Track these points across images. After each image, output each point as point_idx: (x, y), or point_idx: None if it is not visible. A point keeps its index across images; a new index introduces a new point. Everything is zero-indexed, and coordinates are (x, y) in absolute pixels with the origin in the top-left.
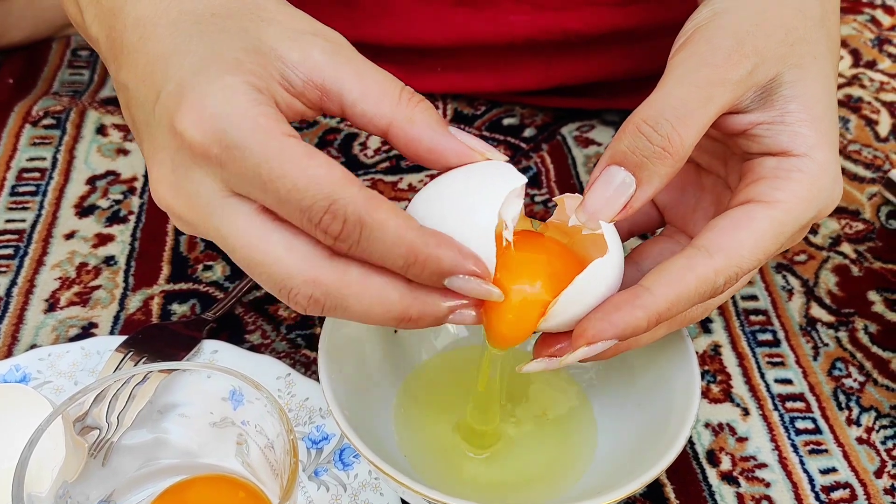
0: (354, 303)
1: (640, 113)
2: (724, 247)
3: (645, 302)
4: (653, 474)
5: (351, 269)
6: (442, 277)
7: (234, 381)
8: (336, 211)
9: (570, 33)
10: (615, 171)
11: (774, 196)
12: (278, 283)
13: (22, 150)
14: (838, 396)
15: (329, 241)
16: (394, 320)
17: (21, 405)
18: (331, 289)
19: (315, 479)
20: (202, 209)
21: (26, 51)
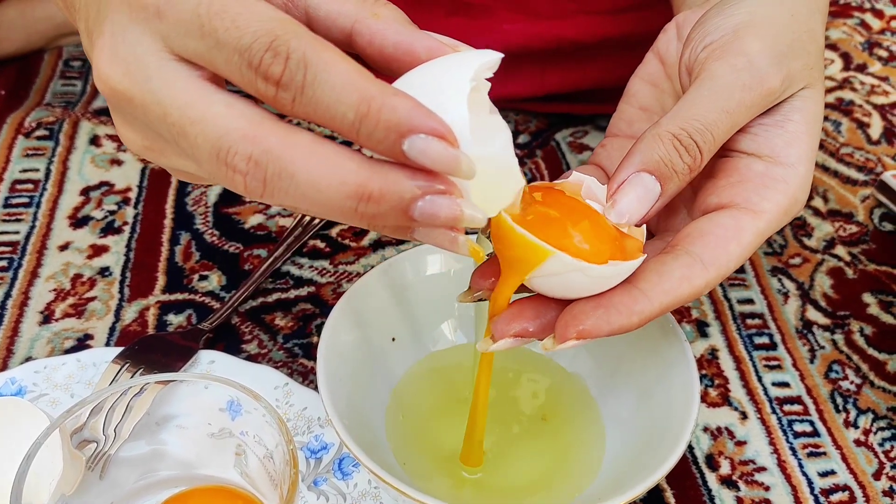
0: (302, 167)
1: (673, 126)
2: (717, 261)
3: (643, 308)
4: (653, 480)
5: (299, 131)
6: (400, 136)
7: (231, 392)
8: (278, 48)
9: (563, 41)
10: (647, 178)
11: (762, 206)
12: (214, 144)
13: (15, 162)
14: (835, 399)
15: (270, 91)
16: (350, 197)
17: (18, 418)
18: (273, 147)
19: (314, 488)
20: (138, 73)
21: (18, 62)
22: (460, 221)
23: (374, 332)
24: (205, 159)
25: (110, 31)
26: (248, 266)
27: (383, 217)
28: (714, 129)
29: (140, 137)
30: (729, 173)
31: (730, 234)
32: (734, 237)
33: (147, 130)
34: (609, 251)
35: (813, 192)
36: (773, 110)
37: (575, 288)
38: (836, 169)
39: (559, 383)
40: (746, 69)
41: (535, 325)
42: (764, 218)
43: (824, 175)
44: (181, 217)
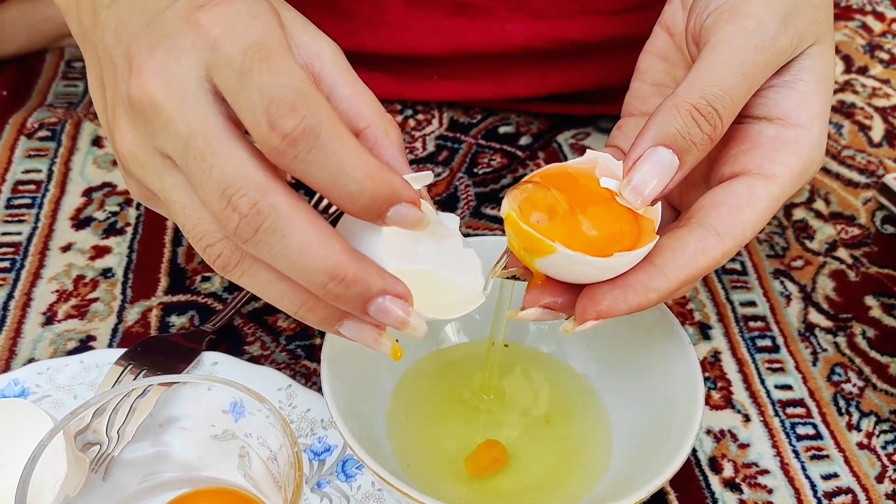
0: (297, 231)
1: (691, 95)
2: (732, 230)
3: (659, 285)
4: (658, 483)
5: (305, 203)
6: (391, 205)
7: (235, 394)
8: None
9: (565, 42)
10: (662, 152)
11: (773, 170)
12: (227, 181)
13: (17, 163)
14: (838, 402)
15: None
16: (327, 272)
17: (21, 420)
18: (279, 204)
19: (318, 490)
20: (178, 91)
21: (20, 62)
22: (405, 326)
23: None
24: (209, 189)
25: (167, 48)
26: None
27: (342, 300)
28: (733, 93)
29: (137, 143)
30: (741, 140)
31: (743, 201)
32: (748, 204)
33: (151, 140)
34: (618, 238)
35: (815, 194)
36: (783, 71)
37: (585, 277)
38: (837, 171)
39: (566, 384)
40: (757, 30)
41: (562, 301)
42: (777, 182)
43: (826, 177)
44: None
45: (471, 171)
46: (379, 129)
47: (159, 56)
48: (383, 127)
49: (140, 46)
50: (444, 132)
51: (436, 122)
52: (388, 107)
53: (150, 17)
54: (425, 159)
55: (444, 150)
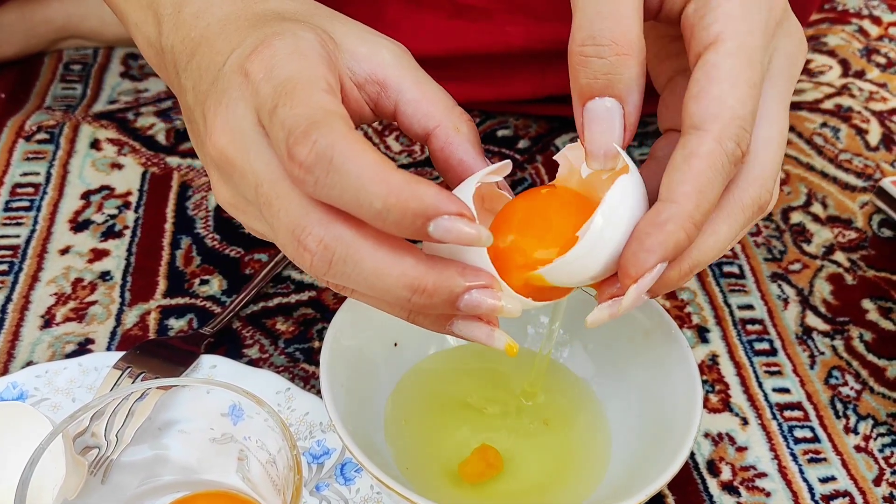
0: (368, 256)
1: (573, 43)
2: (707, 113)
3: (670, 213)
4: (656, 487)
5: (369, 228)
6: (426, 221)
7: (233, 397)
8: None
9: (564, 43)
10: (594, 105)
11: (713, 33)
12: (293, 221)
13: (15, 165)
14: (835, 405)
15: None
16: (407, 288)
17: (20, 423)
18: (344, 235)
19: (317, 493)
20: (241, 143)
21: (18, 65)
22: (499, 312)
23: (377, 337)
24: (281, 231)
25: (226, 102)
26: (249, 270)
27: (432, 307)
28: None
29: (230, 195)
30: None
31: (704, 83)
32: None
33: (237, 191)
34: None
35: (812, 198)
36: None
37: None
38: (834, 175)
39: (565, 387)
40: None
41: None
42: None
43: (823, 181)
44: (182, 221)
45: None
46: (449, 126)
47: (222, 112)
48: (453, 124)
49: (209, 105)
50: None
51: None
52: None
53: (214, 75)
54: (424, 162)
55: None
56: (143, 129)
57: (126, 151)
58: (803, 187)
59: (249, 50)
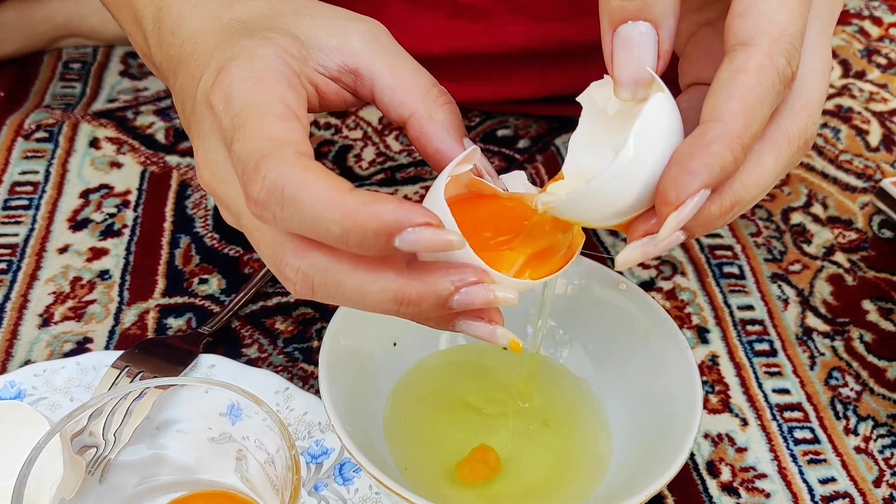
0: (346, 278)
1: None
2: (757, 28)
3: (716, 133)
4: (656, 487)
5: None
6: (390, 237)
7: (232, 396)
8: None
9: (565, 43)
10: (625, 29)
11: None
12: (271, 253)
13: (14, 164)
14: (835, 406)
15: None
16: (391, 301)
17: (18, 422)
18: (320, 262)
19: (315, 493)
20: (220, 176)
21: (17, 64)
22: (494, 303)
23: (376, 336)
24: (265, 259)
25: (203, 136)
26: (249, 270)
27: (424, 313)
28: None
29: (232, 220)
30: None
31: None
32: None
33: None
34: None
35: (812, 198)
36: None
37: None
38: (835, 176)
39: (565, 388)
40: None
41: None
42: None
43: (823, 182)
44: (181, 220)
45: None
46: (422, 115)
47: (202, 146)
48: (427, 111)
49: (192, 135)
50: None
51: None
52: None
53: (192, 103)
54: (423, 162)
55: None
56: (142, 127)
57: (125, 150)
58: (804, 188)
59: (212, 80)
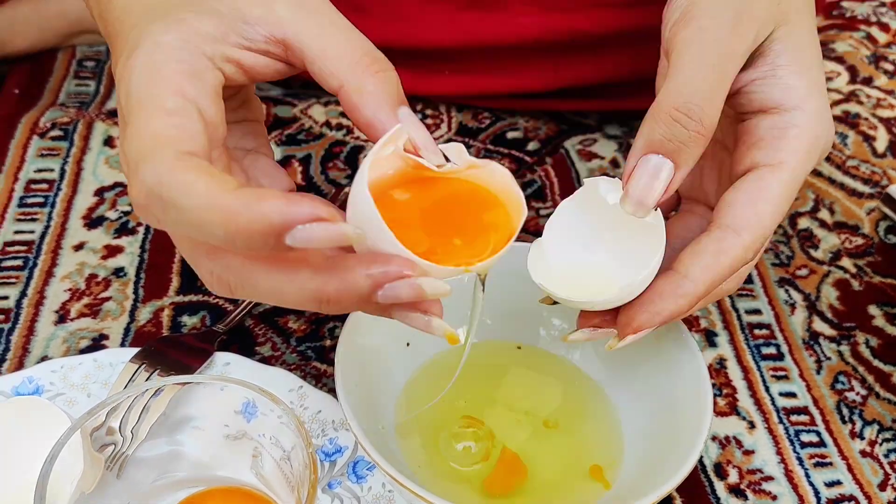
0: (262, 279)
1: (668, 101)
2: (748, 223)
3: (686, 290)
4: (666, 489)
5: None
6: (279, 237)
7: (248, 394)
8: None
9: (578, 34)
10: (653, 159)
11: (778, 158)
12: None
13: (30, 162)
14: (841, 410)
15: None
16: (311, 300)
17: (38, 417)
18: (233, 264)
19: (329, 491)
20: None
21: (31, 61)
22: (423, 297)
23: (390, 336)
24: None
25: None
26: None
27: (352, 308)
28: (708, 85)
29: None
30: (745, 138)
31: (755, 195)
32: (760, 196)
33: None
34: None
35: (819, 204)
36: (759, 63)
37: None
38: (842, 181)
39: (578, 388)
40: (712, 26)
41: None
42: (785, 168)
43: (830, 187)
44: None
45: None
46: (351, 87)
47: None
48: (356, 83)
49: None
50: (453, 136)
51: (444, 126)
52: None
53: None
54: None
55: None
56: None
57: None
58: (811, 193)
59: (119, 70)
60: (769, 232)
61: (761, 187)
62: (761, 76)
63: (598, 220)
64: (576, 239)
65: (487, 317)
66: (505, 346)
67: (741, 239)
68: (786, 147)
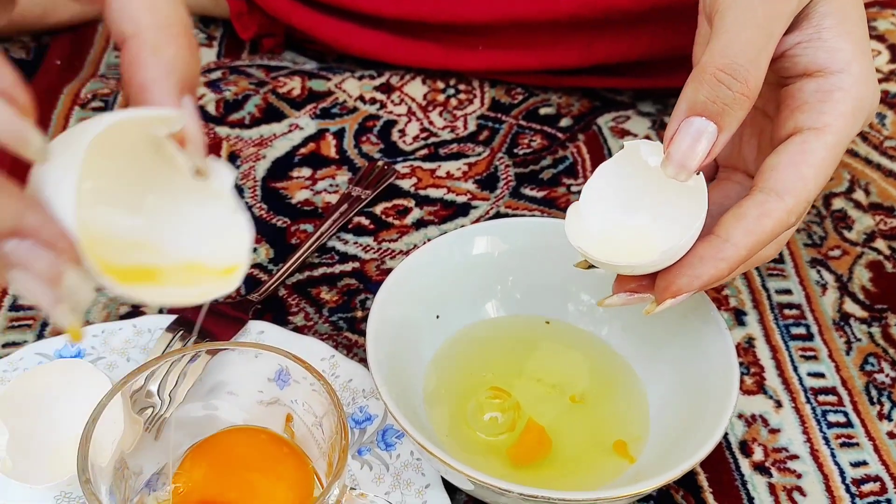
0: None
1: (713, 62)
2: (791, 187)
3: (727, 254)
4: (690, 464)
5: None
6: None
7: (281, 361)
8: None
9: (613, 10)
10: (696, 121)
11: (823, 121)
12: None
13: None
14: (870, 391)
15: None
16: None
17: (81, 379)
18: None
19: (358, 457)
20: None
21: (72, 33)
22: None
23: (421, 308)
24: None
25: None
26: (295, 240)
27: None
28: (753, 46)
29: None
30: (789, 102)
31: (798, 158)
32: (804, 160)
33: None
34: None
35: (854, 184)
36: (804, 25)
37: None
38: (878, 162)
39: (605, 363)
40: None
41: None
42: (830, 131)
43: (867, 168)
44: None
45: (511, 151)
46: (149, 42)
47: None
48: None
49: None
50: (486, 112)
51: (477, 102)
52: (432, 81)
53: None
54: (466, 139)
55: (485, 129)
56: None
57: None
58: (846, 173)
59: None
60: (812, 196)
61: (805, 150)
62: (806, 39)
63: (637, 183)
64: (615, 202)
65: (516, 291)
66: (533, 321)
67: (784, 203)
68: (830, 110)
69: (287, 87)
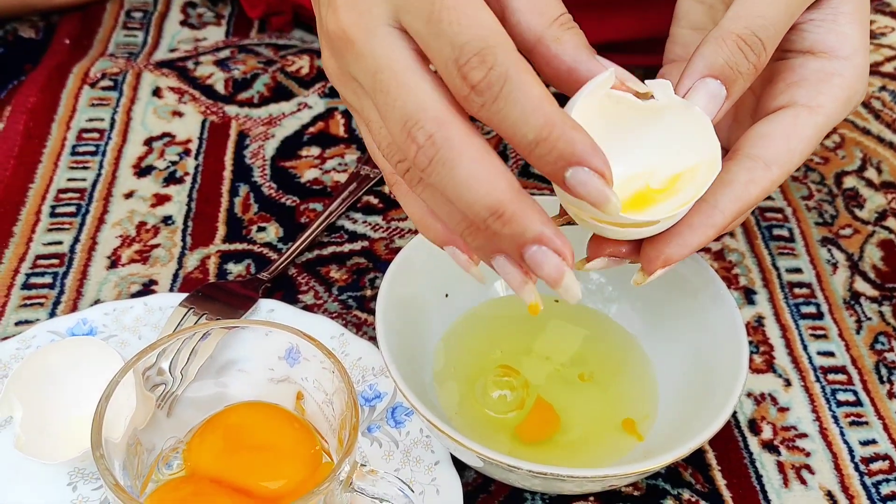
0: (466, 164)
1: (737, 24)
2: (779, 158)
3: (716, 221)
4: (699, 441)
5: (479, 136)
6: (568, 165)
7: (292, 339)
8: (486, 56)
9: None
10: (712, 83)
11: (818, 101)
12: (409, 112)
13: (81, 111)
14: (880, 370)
15: (465, 90)
16: (489, 207)
17: (93, 356)
18: (453, 136)
19: (368, 435)
20: (368, 25)
21: (81, 11)
22: (556, 284)
23: (429, 286)
24: (391, 119)
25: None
26: (305, 219)
27: (499, 238)
28: (776, 23)
29: (336, 68)
30: (786, 75)
31: (789, 130)
32: (794, 134)
33: (347, 68)
34: None
35: (866, 163)
36: (824, 4)
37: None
38: (891, 140)
39: (613, 341)
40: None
41: (626, 249)
42: (822, 112)
43: (879, 146)
44: (240, 169)
45: None
46: (550, 38)
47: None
48: (554, 35)
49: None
50: None
51: None
52: None
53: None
54: None
55: None
56: (202, 77)
57: (186, 100)
58: (858, 151)
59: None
60: (794, 168)
61: (797, 125)
62: (821, 18)
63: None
64: None
65: None
66: (542, 299)
67: (770, 173)
68: (828, 92)
69: (296, 65)
